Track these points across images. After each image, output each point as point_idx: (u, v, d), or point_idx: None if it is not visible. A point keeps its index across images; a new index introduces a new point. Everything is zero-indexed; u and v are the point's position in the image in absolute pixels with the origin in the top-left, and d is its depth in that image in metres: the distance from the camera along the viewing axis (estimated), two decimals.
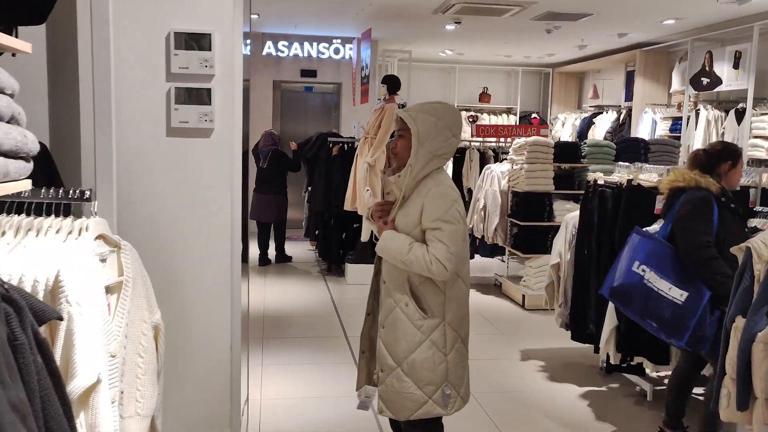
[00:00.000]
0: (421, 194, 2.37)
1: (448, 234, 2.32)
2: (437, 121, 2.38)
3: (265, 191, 7.59)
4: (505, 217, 6.41)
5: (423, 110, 2.42)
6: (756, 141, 7.21)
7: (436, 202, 2.35)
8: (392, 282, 2.45)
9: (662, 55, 9.40)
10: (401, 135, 2.44)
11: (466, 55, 11.27)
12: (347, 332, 5.20)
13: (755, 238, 2.24)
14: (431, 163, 2.39)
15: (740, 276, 2.27)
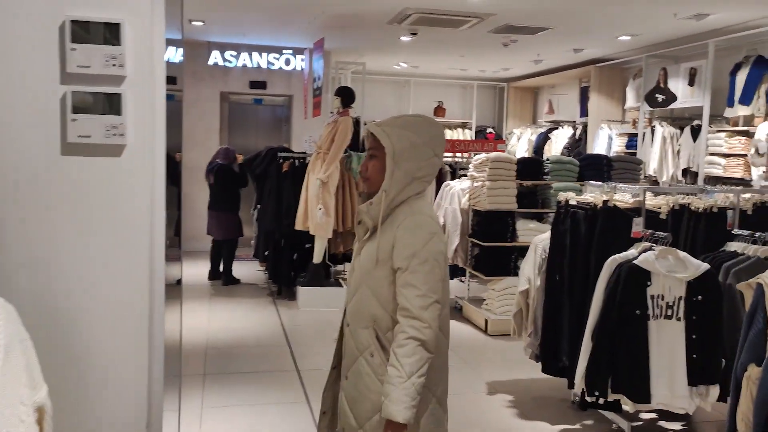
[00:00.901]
0: (394, 224, 1.99)
1: (423, 276, 1.91)
2: (416, 137, 2.01)
3: (214, 208, 7.25)
4: (466, 237, 6.12)
5: (398, 125, 2.03)
6: (712, 158, 7.15)
7: (410, 234, 1.96)
8: (356, 324, 2.07)
9: (616, 71, 9.36)
10: (373, 155, 2.05)
11: (421, 68, 11.05)
12: (299, 365, 4.78)
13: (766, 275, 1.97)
14: (409, 188, 2.01)
15: (751, 317, 1.99)
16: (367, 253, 2.04)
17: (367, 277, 2.03)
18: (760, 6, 6.24)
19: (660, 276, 3.24)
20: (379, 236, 1.99)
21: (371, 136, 2.05)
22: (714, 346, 3.27)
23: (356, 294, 2.07)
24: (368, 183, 2.07)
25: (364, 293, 2.04)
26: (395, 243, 1.96)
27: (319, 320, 6.01)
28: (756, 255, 3.38)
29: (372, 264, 2.01)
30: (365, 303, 2.03)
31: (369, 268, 2.02)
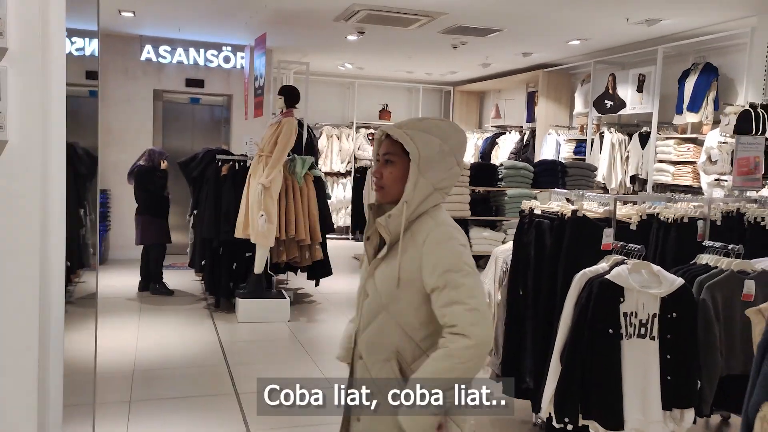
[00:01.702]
0: (417, 239, 1.75)
1: (468, 290, 1.68)
2: (442, 143, 1.78)
3: (137, 213, 6.80)
4: None
5: (423, 128, 1.79)
6: (661, 165, 7.12)
7: (440, 249, 1.72)
8: (373, 357, 1.81)
9: (564, 76, 9.30)
10: (390, 160, 1.81)
11: (367, 69, 10.74)
12: (238, 388, 4.35)
13: None
14: (430, 199, 1.79)
15: (764, 348, 1.74)
16: (385, 274, 1.79)
17: (387, 302, 1.79)
18: (709, 13, 6.22)
19: (633, 292, 3.00)
20: (400, 254, 1.76)
21: (388, 139, 1.82)
22: (689, 367, 3.06)
23: (373, 323, 1.82)
24: (382, 192, 1.84)
25: (384, 321, 1.80)
26: (423, 261, 1.73)
27: (260, 335, 5.59)
28: (729, 268, 3.19)
29: (393, 286, 1.76)
30: (386, 332, 1.79)
31: (389, 291, 1.78)
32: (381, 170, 1.83)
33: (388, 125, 1.86)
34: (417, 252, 1.74)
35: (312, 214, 6.40)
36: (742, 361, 3.23)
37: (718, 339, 3.16)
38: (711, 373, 3.15)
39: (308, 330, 5.84)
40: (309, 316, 6.28)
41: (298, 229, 6.24)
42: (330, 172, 11.15)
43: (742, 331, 3.20)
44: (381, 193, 1.84)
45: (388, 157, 1.82)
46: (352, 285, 7.57)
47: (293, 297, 6.66)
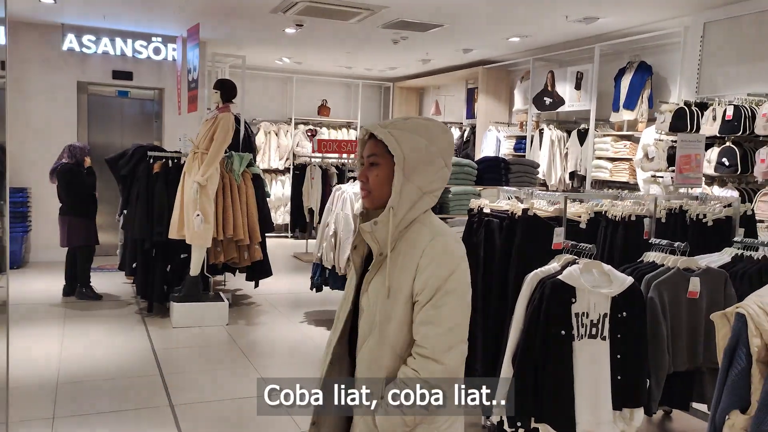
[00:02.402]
0: (413, 250, 1.63)
1: (448, 311, 1.58)
2: (429, 144, 1.67)
3: (61, 213, 6.39)
4: None
5: (408, 129, 1.66)
6: (599, 162, 7.22)
7: (438, 261, 1.61)
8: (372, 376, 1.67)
9: (504, 73, 9.35)
10: (375, 162, 1.68)
11: (305, 64, 10.51)
12: (173, 399, 4.10)
13: (750, 302, 1.67)
14: (420, 204, 1.67)
15: (730, 354, 1.69)
16: (376, 287, 1.66)
17: (380, 320, 1.66)
18: (644, 12, 6.33)
19: (585, 292, 2.95)
20: (390, 264, 1.64)
21: (373, 139, 1.69)
22: (639, 366, 3.04)
23: (369, 340, 1.68)
24: (370, 198, 1.71)
25: (375, 343, 1.67)
26: (419, 273, 1.61)
27: (197, 340, 5.33)
28: (675, 266, 3.20)
29: (384, 298, 1.64)
30: (378, 355, 1.67)
31: (381, 306, 1.65)
32: (366, 173, 1.69)
33: (372, 124, 1.71)
34: (412, 264, 1.61)
35: (251, 213, 6.16)
36: (687, 357, 3.25)
37: (666, 337, 3.16)
38: (659, 371, 3.15)
39: (248, 333, 5.61)
40: (248, 319, 6.05)
41: (237, 228, 5.99)
42: (268, 169, 10.87)
43: (688, 328, 3.22)
44: (368, 198, 1.70)
45: (372, 159, 1.68)
46: (293, 285, 7.37)
47: (231, 299, 6.41)
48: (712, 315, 1.78)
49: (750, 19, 5.65)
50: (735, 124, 5.12)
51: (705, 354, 3.24)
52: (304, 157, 10.15)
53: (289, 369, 4.80)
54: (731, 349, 1.68)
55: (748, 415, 1.61)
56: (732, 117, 5.14)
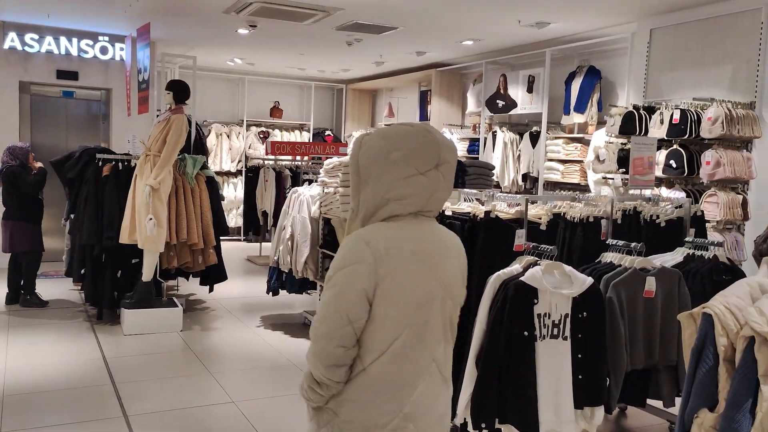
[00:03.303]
0: None
1: (324, 304, 1.66)
2: (388, 152, 1.65)
3: (5, 217, 6.16)
4: (317, 248, 5.64)
5: (377, 134, 1.71)
6: (551, 164, 7.36)
7: (337, 255, 1.69)
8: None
9: (456, 75, 9.44)
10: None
11: (258, 65, 10.38)
12: (127, 409, 3.98)
13: (716, 302, 1.72)
14: (384, 210, 1.68)
15: (698, 353, 1.73)
16: None
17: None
18: (593, 18, 6.48)
19: (546, 293, 3.00)
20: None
21: None
22: (599, 365, 3.10)
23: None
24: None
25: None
26: None
27: (150, 348, 5.18)
28: (632, 266, 3.28)
29: None
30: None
31: None
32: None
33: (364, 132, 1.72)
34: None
35: (205, 217, 6.04)
36: (644, 356, 3.34)
37: (624, 336, 3.24)
38: (618, 369, 3.22)
39: (203, 339, 5.49)
40: (203, 325, 5.92)
41: (191, 232, 5.86)
42: (220, 171, 10.69)
43: (644, 327, 3.31)
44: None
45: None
46: (248, 289, 7.26)
47: (185, 304, 6.27)
48: (679, 315, 1.82)
49: (694, 26, 5.86)
50: (682, 127, 5.30)
51: (661, 352, 3.33)
52: (257, 160, 10.02)
53: (246, 375, 4.72)
54: (698, 349, 1.73)
55: (717, 414, 1.66)
56: (679, 121, 5.32)
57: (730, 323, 1.67)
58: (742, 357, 1.61)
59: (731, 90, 5.48)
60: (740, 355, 1.62)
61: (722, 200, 5.09)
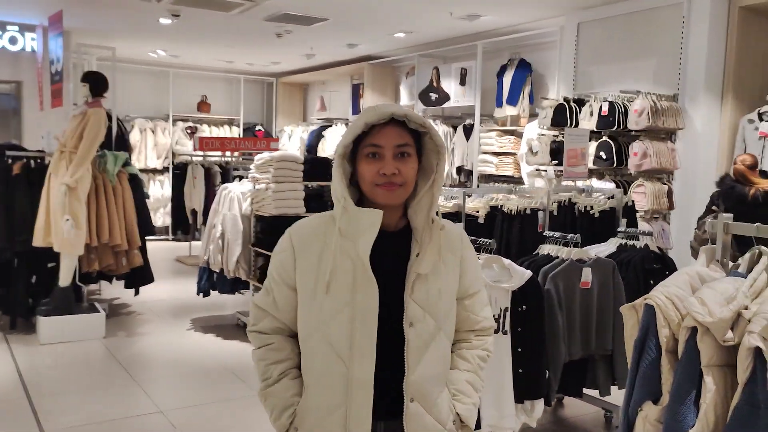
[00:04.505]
0: (447, 243, 1.60)
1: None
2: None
3: None
4: (249, 246, 5.44)
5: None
6: (485, 157, 7.39)
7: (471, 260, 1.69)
8: (433, 393, 1.61)
9: (389, 68, 9.36)
10: (407, 153, 1.52)
11: (183, 58, 9.99)
12: (44, 425, 3.69)
13: (657, 292, 1.68)
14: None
15: (640, 345, 1.69)
16: (433, 289, 1.55)
17: (443, 322, 1.58)
18: (523, 11, 6.52)
19: (486, 287, 2.94)
20: (430, 263, 1.56)
21: (398, 126, 1.51)
22: (539, 358, 3.08)
23: (428, 352, 1.54)
24: (398, 193, 1.52)
25: (442, 344, 1.59)
26: (464, 264, 1.65)
27: (69, 358, 4.86)
28: (569, 257, 3.27)
29: (446, 301, 1.61)
30: (446, 356, 1.62)
31: (445, 308, 1.59)
32: (398, 166, 1.50)
33: (400, 107, 1.54)
34: (455, 256, 1.61)
35: (128, 216, 5.72)
36: (581, 346, 3.34)
37: (562, 327, 3.23)
38: (556, 361, 3.21)
39: (128, 346, 5.20)
40: (129, 330, 5.62)
41: (113, 233, 5.54)
42: (145, 168, 10.25)
43: (581, 317, 3.31)
44: (396, 193, 1.51)
45: (405, 149, 1.51)
46: (177, 291, 6.96)
47: (108, 309, 5.93)
48: (621, 307, 1.78)
49: (619, 20, 5.98)
50: (610, 119, 5.39)
51: (597, 341, 3.34)
52: (185, 156, 9.65)
53: (174, 382, 4.49)
54: (641, 341, 1.68)
55: (661, 406, 1.62)
56: (607, 113, 5.41)
57: (672, 314, 1.64)
58: (684, 348, 1.58)
59: (656, 83, 5.62)
60: (683, 346, 1.58)
61: (649, 190, 5.21)
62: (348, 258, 1.51)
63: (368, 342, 1.48)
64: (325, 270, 1.52)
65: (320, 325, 1.53)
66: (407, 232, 1.57)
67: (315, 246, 1.56)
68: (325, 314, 1.52)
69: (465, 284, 1.63)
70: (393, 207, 1.54)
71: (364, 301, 1.49)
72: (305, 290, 1.55)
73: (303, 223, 1.63)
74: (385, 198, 1.50)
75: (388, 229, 1.55)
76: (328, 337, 1.52)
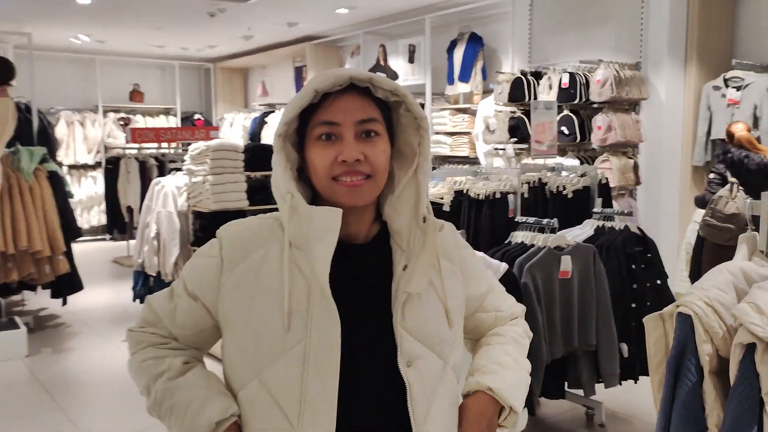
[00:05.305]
0: (444, 247, 1.18)
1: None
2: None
3: None
4: (188, 246, 4.93)
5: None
6: (438, 137, 7.02)
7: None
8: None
9: (333, 48, 8.88)
10: (374, 131, 1.09)
11: (109, 43, 9.25)
12: None
13: (694, 298, 1.30)
14: None
15: (676, 366, 1.32)
16: (425, 316, 1.12)
17: (446, 355, 1.15)
18: None
19: None
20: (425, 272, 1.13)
21: (365, 97, 1.08)
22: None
23: (437, 396, 1.11)
24: (368, 188, 1.08)
25: (449, 384, 1.14)
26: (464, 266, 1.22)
27: None
28: (545, 245, 2.91)
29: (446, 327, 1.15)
30: (455, 397, 1.16)
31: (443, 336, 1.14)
32: (363, 149, 1.07)
33: (362, 70, 1.11)
34: (454, 259, 1.20)
35: (49, 219, 5.12)
36: (563, 343, 3.01)
37: (542, 325, 2.88)
38: (537, 363, 2.86)
39: (54, 365, 4.63)
40: (55, 346, 5.03)
41: (32, 238, 4.94)
42: (75, 164, 9.52)
43: (562, 311, 2.97)
44: (364, 188, 1.08)
45: (372, 126, 1.08)
46: (114, 297, 6.39)
47: (32, 323, 5.34)
48: (645, 318, 1.41)
49: None
50: (571, 92, 5.08)
51: (580, 337, 3.01)
52: (118, 149, 8.98)
53: (105, 404, 3.96)
54: (676, 361, 1.31)
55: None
56: (568, 85, 5.09)
57: (715, 325, 1.27)
58: (739, 371, 1.21)
59: (616, 51, 5.33)
60: (735, 368, 1.22)
61: (615, 165, 4.94)
62: (300, 276, 1.09)
63: (326, 394, 1.06)
64: (268, 292, 1.09)
65: (259, 367, 1.10)
66: (383, 240, 1.15)
67: (254, 259, 1.12)
68: (266, 353, 1.09)
69: (473, 292, 1.24)
70: (360, 209, 1.11)
71: (321, 337, 1.07)
72: (237, 319, 1.12)
73: (238, 228, 1.17)
74: (347, 196, 1.08)
75: (356, 240, 1.13)
76: (269, 386, 1.09)
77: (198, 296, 1.15)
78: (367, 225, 1.14)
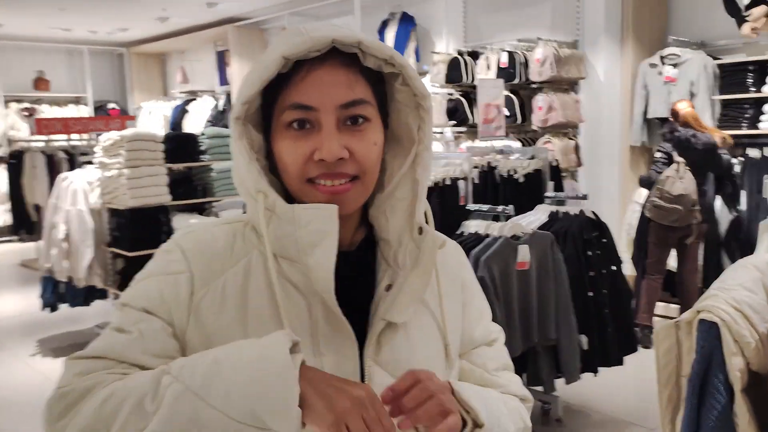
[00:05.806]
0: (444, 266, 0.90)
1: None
2: None
3: None
4: (103, 247, 4.47)
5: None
6: None
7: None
8: None
9: (256, 32, 8.43)
10: (364, 117, 0.80)
11: (8, 27, 8.46)
12: None
13: (719, 302, 1.08)
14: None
15: (701, 384, 1.09)
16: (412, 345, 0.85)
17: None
18: None
19: None
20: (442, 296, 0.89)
21: (352, 70, 0.79)
22: None
23: None
24: (360, 188, 0.82)
25: None
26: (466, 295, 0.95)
27: None
28: (502, 234, 2.69)
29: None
30: None
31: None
32: (349, 142, 0.79)
33: (347, 33, 0.79)
34: (455, 284, 0.94)
35: None
36: (522, 340, 2.80)
37: (500, 321, 2.66)
38: None
39: None
40: None
41: None
42: None
43: (520, 305, 2.76)
44: (351, 194, 0.81)
45: (361, 110, 0.80)
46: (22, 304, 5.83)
47: None
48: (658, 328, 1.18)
49: None
50: (510, 71, 4.90)
51: (539, 331, 2.82)
52: (22, 142, 8.26)
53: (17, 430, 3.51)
54: (700, 378, 1.09)
55: None
56: (507, 64, 4.91)
57: (746, 333, 1.06)
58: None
59: (553, 29, 5.19)
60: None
61: (557, 147, 4.80)
62: (295, 292, 0.81)
63: None
64: (261, 318, 0.80)
65: None
66: (372, 248, 0.88)
67: (234, 275, 0.82)
68: None
69: (466, 335, 0.94)
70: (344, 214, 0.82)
71: (336, 359, 0.81)
72: None
73: (203, 237, 0.86)
74: (336, 197, 0.80)
75: (339, 247, 0.82)
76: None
77: (163, 317, 0.81)
78: (353, 228, 0.87)
